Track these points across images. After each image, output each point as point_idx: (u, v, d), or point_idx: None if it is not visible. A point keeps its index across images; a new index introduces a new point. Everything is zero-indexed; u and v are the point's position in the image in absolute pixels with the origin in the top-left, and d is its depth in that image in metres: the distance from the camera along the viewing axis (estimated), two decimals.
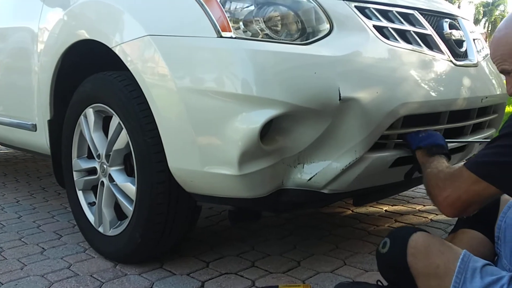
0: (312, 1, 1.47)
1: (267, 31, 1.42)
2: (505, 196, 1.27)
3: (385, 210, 2.45)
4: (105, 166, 1.78)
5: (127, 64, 1.57)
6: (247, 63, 1.36)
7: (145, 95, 1.53)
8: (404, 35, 1.59)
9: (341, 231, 2.13)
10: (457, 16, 1.91)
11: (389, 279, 1.27)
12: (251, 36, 1.41)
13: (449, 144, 1.54)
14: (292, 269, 1.74)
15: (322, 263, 1.79)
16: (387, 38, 1.54)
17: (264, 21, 1.43)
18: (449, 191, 1.16)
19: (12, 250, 1.93)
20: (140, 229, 1.65)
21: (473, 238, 1.35)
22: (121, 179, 1.73)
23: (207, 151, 1.43)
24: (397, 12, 1.62)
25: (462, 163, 1.19)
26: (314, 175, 1.46)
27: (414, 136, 1.51)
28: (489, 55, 2.02)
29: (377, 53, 1.50)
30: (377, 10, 1.57)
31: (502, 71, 1.19)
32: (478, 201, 1.14)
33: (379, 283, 1.31)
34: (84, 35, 1.77)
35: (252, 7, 1.44)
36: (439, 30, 1.72)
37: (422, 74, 1.56)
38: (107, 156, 1.76)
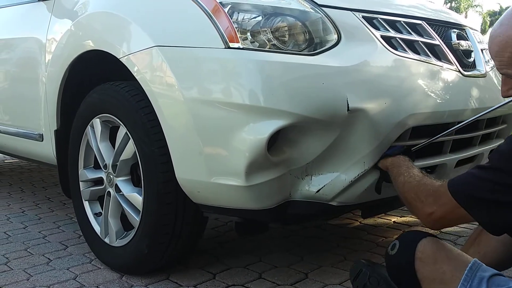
0: (320, 12, 1.47)
1: (275, 42, 1.42)
2: None
3: (394, 222, 2.42)
4: (111, 176, 1.78)
5: (135, 75, 1.58)
6: (255, 74, 1.36)
7: (153, 105, 1.53)
8: (412, 46, 1.58)
9: (349, 243, 2.11)
10: (465, 26, 1.91)
11: (396, 281, 1.25)
12: (258, 47, 1.41)
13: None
14: (299, 281, 1.72)
15: (330, 275, 1.77)
16: (395, 48, 1.53)
17: (272, 32, 1.42)
18: (434, 208, 1.13)
19: (18, 261, 1.93)
20: (146, 240, 1.64)
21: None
22: (127, 189, 1.73)
23: (214, 162, 1.43)
24: (405, 22, 1.62)
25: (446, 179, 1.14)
26: (322, 187, 1.44)
27: None
28: None
29: (385, 64, 1.49)
30: (384, 20, 1.57)
31: (505, 74, 1.09)
32: (465, 220, 1.11)
33: None
34: (92, 45, 1.77)
35: (260, 18, 1.44)
36: (447, 40, 1.71)
37: (430, 85, 1.55)
38: (114, 166, 1.76)
